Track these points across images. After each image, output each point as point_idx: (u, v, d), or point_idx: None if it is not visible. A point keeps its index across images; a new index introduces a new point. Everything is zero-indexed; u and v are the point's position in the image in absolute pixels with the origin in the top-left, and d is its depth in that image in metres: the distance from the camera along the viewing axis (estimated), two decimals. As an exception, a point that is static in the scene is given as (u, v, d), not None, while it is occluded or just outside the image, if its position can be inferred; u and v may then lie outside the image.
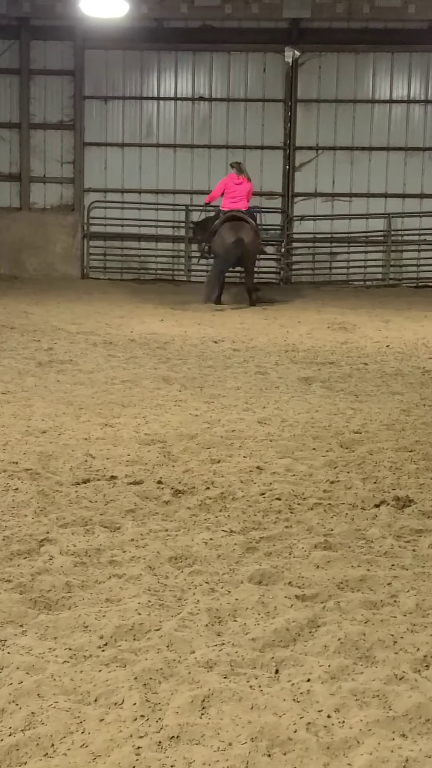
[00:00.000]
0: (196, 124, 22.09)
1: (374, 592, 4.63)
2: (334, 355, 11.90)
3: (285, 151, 21.86)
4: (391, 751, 3.23)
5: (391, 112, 21.70)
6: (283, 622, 4.23)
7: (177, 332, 13.74)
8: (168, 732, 3.35)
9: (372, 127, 21.68)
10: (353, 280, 22.06)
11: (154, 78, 22.06)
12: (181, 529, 5.52)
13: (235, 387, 9.77)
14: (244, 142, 21.90)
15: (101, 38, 21.10)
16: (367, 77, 21.62)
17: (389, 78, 21.58)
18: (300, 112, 21.78)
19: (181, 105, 22.07)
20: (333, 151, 21.78)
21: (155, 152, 22.16)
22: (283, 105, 21.77)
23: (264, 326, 14.70)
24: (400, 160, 21.66)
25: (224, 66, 21.81)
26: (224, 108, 21.95)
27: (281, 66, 21.51)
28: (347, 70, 21.53)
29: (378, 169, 21.72)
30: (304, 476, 6.58)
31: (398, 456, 7.10)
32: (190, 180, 22.14)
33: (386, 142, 21.70)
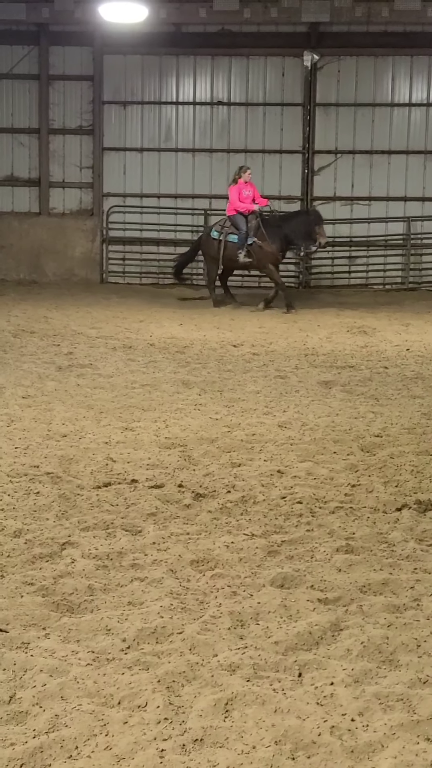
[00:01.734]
0: (215, 128, 22.10)
1: (397, 596, 4.62)
2: (354, 359, 11.88)
3: (304, 155, 21.83)
4: (416, 755, 3.22)
5: (410, 116, 21.63)
6: (306, 626, 4.22)
7: (196, 336, 13.75)
8: (192, 735, 3.36)
9: (391, 130, 21.61)
10: (372, 283, 21.99)
11: (173, 83, 22.09)
12: (203, 532, 5.52)
13: (255, 391, 9.77)
14: (263, 146, 21.89)
15: (120, 43, 21.15)
16: (386, 81, 21.57)
17: (408, 81, 21.52)
18: (319, 116, 21.74)
19: (200, 109, 22.09)
20: (352, 154, 21.72)
21: (174, 157, 22.19)
22: (302, 109, 21.74)
23: (283, 330, 14.69)
24: (419, 163, 21.58)
25: (243, 70, 21.81)
26: (243, 112, 21.95)
27: (300, 70, 21.48)
28: (366, 73, 21.48)
29: (397, 173, 21.65)
30: (325, 480, 6.57)
31: (419, 459, 7.07)
32: (209, 184, 22.15)
33: (406, 146, 21.62)
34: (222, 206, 22.07)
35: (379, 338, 13.84)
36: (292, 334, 14.26)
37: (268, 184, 21.84)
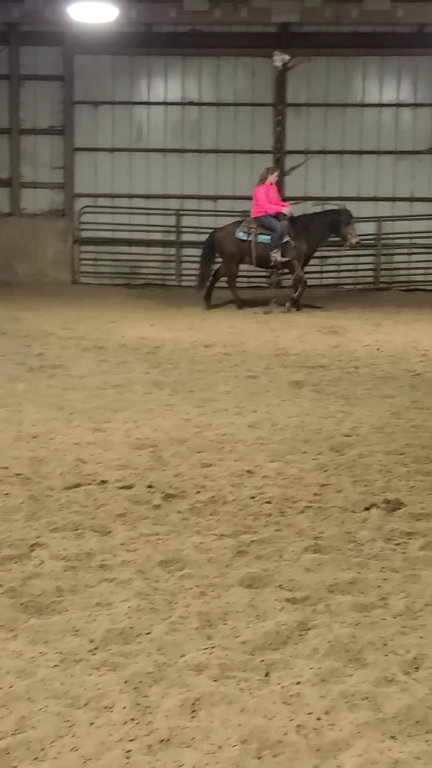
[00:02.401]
0: (186, 128, 22.10)
1: (364, 595, 4.64)
2: (324, 359, 11.92)
3: (275, 156, 21.87)
4: (381, 753, 3.24)
5: (380, 116, 21.74)
6: (274, 625, 4.24)
7: (168, 337, 13.75)
8: (158, 735, 3.36)
9: (362, 130, 21.71)
10: (344, 283, 22.08)
11: (144, 83, 22.09)
12: (172, 533, 5.53)
13: (226, 391, 9.78)
14: (234, 146, 21.92)
15: (90, 43, 21.10)
16: (356, 81, 21.67)
17: (379, 82, 21.63)
18: (290, 116, 21.80)
19: (171, 110, 22.09)
20: (323, 155, 21.80)
21: (145, 157, 22.17)
22: (272, 109, 21.79)
23: (255, 330, 14.71)
24: (390, 163, 21.70)
25: (214, 70, 21.84)
26: (214, 112, 21.97)
27: (271, 70, 21.52)
28: (337, 74, 21.56)
29: (368, 173, 21.76)
30: (295, 479, 6.60)
31: (389, 459, 7.11)
32: (181, 185, 22.15)
33: (376, 146, 21.73)
34: (192, 206, 22.14)
35: (350, 338, 13.89)
36: (264, 334, 14.29)
37: (239, 184, 21.90)
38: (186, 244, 22.29)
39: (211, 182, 22.08)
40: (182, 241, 22.26)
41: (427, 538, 5.43)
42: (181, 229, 22.19)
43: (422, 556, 5.14)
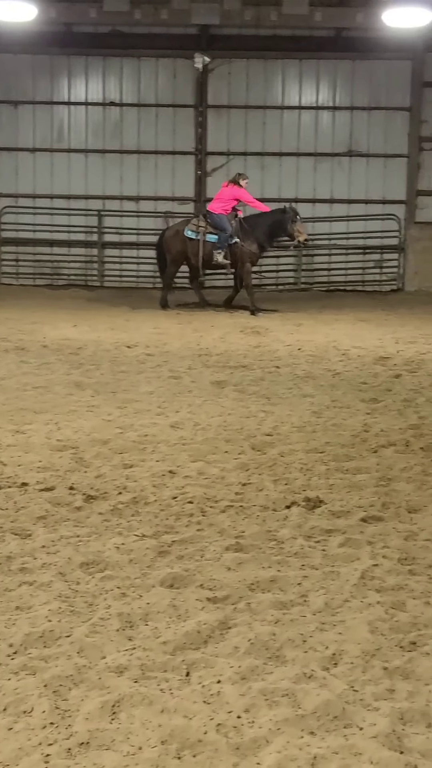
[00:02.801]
0: (108, 129, 22.03)
1: (284, 593, 4.67)
2: (246, 359, 11.98)
3: (197, 157, 21.95)
4: (300, 749, 3.27)
5: (300, 119, 21.97)
6: (194, 625, 4.24)
7: (90, 338, 13.68)
8: (78, 738, 3.34)
9: (282, 132, 21.92)
10: (266, 284, 22.22)
11: (65, 83, 21.94)
12: (93, 534, 5.49)
13: (149, 392, 9.76)
14: (156, 147, 21.94)
15: (9, 42, 20.87)
16: (276, 84, 21.85)
17: (298, 84, 21.85)
18: (211, 117, 21.90)
19: (92, 110, 21.99)
20: (244, 156, 21.94)
21: (67, 157, 22.04)
22: (194, 111, 21.86)
23: (178, 331, 14.72)
24: (310, 165, 21.93)
25: (135, 71, 21.81)
26: (135, 113, 21.95)
27: (191, 72, 21.59)
28: (257, 76, 21.73)
29: (288, 175, 21.96)
30: (217, 479, 6.61)
31: (309, 457, 7.18)
32: (102, 185, 22.07)
33: (296, 148, 21.95)
34: (114, 207, 22.07)
35: (271, 338, 13.99)
36: (187, 334, 14.31)
37: (161, 186, 21.93)
38: (108, 244, 22.23)
39: (133, 183, 22.06)
40: (104, 241, 22.18)
41: (347, 535, 5.49)
42: (103, 229, 22.11)
43: (341, 553, 5.19)
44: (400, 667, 3.88)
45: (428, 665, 3.87)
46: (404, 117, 22.01)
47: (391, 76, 21.76)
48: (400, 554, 5.20)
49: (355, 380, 10.55)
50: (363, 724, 3.44)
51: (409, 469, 6.90)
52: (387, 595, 4.65)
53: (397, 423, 8.38)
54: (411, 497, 6.24)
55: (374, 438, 7.80)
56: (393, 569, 4.98)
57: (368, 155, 21.98)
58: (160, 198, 22.04)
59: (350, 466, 6.96)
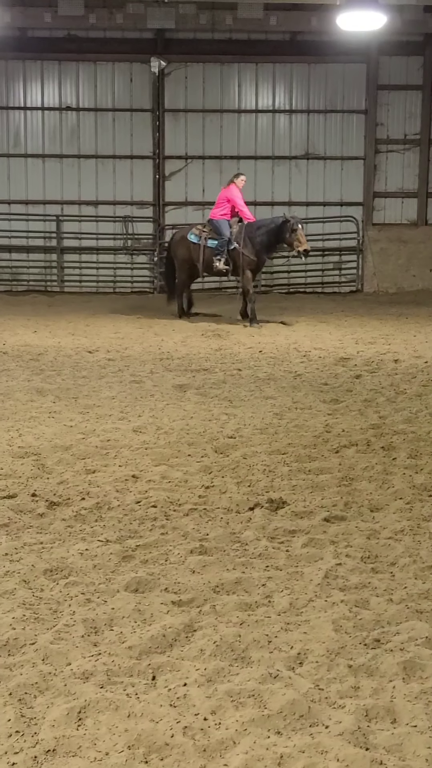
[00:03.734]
0: (65, 134, 21.96)
1: (249, 594, 4.69)
2: (208, 362, 12.00)
3: (155, 161, 21.94)
4: (267, 749, 3.28)
5: (257, 122, 22.05)
6: (160, 629, 4.24)
7: (51, 343, 13.62)
8: (44, 746, 3.32)
9: (239, 136, 21.99)
10: (226, 287, 22.25)
11: (20, 87, 21.83)
12: (56, 541, 5.47)
13: (110, 396, 9.74)
14: (114, 151, 21.90)
15: (-36, 47, 20.76)
16: (232, 87, 21.91)
17: (254, 88, 21.93)
18: (168, 121, 21.91)
19: (49, 115, 21.91)
20: (202, 160, 21.98)
21: (24, 162, 21.93)
22: (151, 114, 21.85)
23: (139, 335, 14.70)
24: (267, 168, 22.02)
25: (91, 76, 21.76)
26: (92, 118, 21.90)
27: (148, 76, 21.58)
28: (213, 80, 21.78)
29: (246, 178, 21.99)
30: (180, 483, 6.61)
31: (271, 459, 7.20)
32: (61, 190, 21.99)
33: (253, 151, 22.03)
34: (73, 212, 21.99)
35: (232, 341, 14.02)
36: (148, 338, 14.29)
37: (119, 190, 21.90)
38: (67, 249, 22.15)
39: (92, 187, 22.00)
40: (63, 246, 22.10)
41: (310, 535, 5.52)
42: (62, 234, 22.02)
43: (305, 554, 5.22)
44: (365, 665, 3.91)
45: (392, 662, 3.90)
46: (360, 120, 22.18)
47: (347, 79, 21.91)
48: (363, 553, 5.24)
49: (316, 381, 10.61)
50: (329, 722, 3.46)
51: (371, 468, 6.95)
52: (351, 593, 4.68)
53: (358, 423, 8.44)
54: (373, 496, 6.29)
55: (336, 438, 7.84)
56: (356, 568, 5.02)
57: (325, 158, 22.11)
58: (119, 202, 22.01)
59: (312, 467, 6.99)
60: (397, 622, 4.34)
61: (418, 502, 6.15)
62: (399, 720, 3.50)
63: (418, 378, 10.72)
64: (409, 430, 8.14)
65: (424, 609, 4.47)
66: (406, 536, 5.50)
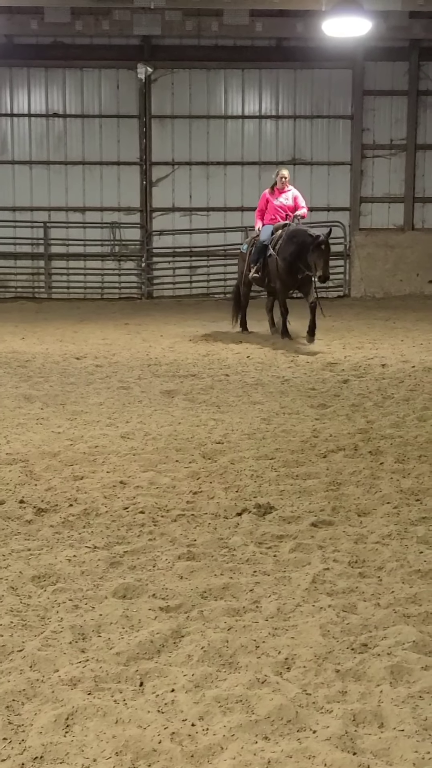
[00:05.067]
0: (52, 140, 21.97)
1: (237, 599, 4.69)
2: (196, 368, 12.00)
3: (142, 167, 21.97)
4: (254, 754, 3.28)
5: (243, 128, 22.11)
6: (147, 635, 4.24)
7: (38, 350, 13.60)
8: (31, 753, 3.32)
9: (226, 142, 22.04)
10: (214, 293, 22.30)
11: (7, 94, 21.84)
12: (44, 547, 5.46)
13: (98, 403, 9.74)
14: (101, 158, 21.92)
15: None
16: (219, 93, 21.97)
17: (241, 94, 21.99)
18: (155, 127, 21.95)
19: (36, 121, 21.92)
20: (189, 166, 22.02)
21: (11, 169, 21.93)
22: (138, 121, 21.89)
23: (126, 341, 14.70)
24: (254, 174, 22.06)
25: (77, 82, 21.78)
26: (79, 124, 21.92)
27: (134, 82, 21.62)
28: (199, 86, 21.82)
29: (234, 183, 22.08)
30: (168, 488, 6.62)
31: (259, 464, 7.21)
32: (48, 197, 21.99)
33: (240, 157, 22.08)
34: (60, 218, 22.00)
35: (220, 346, 14.03)
36: (135, 344, 14.29)
37: (107, 196, 21.92)
38: (55, 256, 22.15)
39: (79, 194, 22.02)
40: (51, 253, 22.10)
41: (297, 540, 5.52)
42: (50, 241, 22.02)
43: (292, 559, 5.23)
44: (352, 669, 3.92)
45: (379, 666, 3.91)
46: (346, 125, 22.26)
47: (333, 84, 22.00)
48: (351, 557, 5.25)
49: (303, 386, 10.63)
50: (316, 727, 3.46)
51: (358, 473, 6.96)
52: (338, 598, 4.69)
53: (346, 428, 8.45)
54: (360, 501, 6.31)
55: (323, 443, 7.86)
56: (344, 572, 5.03)
57: (312, 163, 22.17)
58: (107, 208, 22.03)
59: (300, 472, 7.00)
60: (384, 627, 4.35)
61: (406, 507, 6.17)
62: (386, 724, 3.51)
63: (406, 382, 10.75)
64: (396, 434, 8.16)
65: (412, 613, 4.48)
66: (394, 540, 5.51)
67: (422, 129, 22.35)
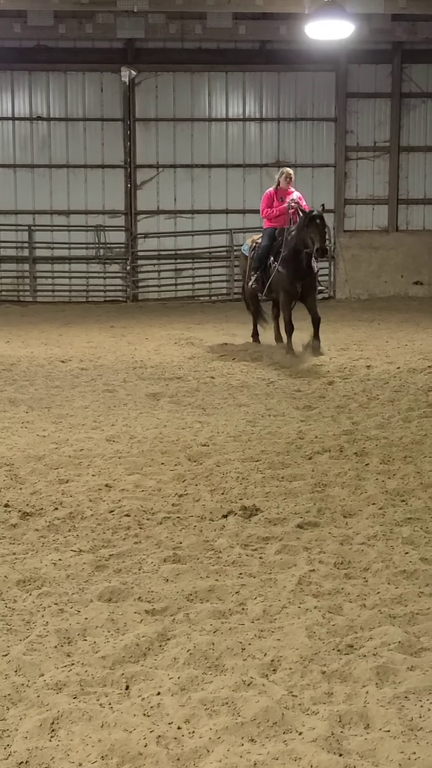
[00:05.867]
0: (36, 144, 21.92)
1: (222, 602, 4.69)
2: (181, 370, 11.99)
3: (126, 170, 21.95)
4: (240, 757, 3.28)
5: (227, 130, 22.12)
6: (133, 638, 4.23)
7: (23, 353, 13.57)
8: (16, 758, 3.31)
9: (210, 144, 22.05)
10: (198, 295, 22.30)
11: (-10, 98, 21.79)
12: (30, 551, 5.45)
13: (83, 406, 9.72)
14: (85, 161, 21.88)
15: None
16: (203, 96, 21.97)
17: (224, 97, 22.00)
18: (139, 130, 21.93)
19: (20, 125, 21.87)
20: (173, 168, 22.01)
21: (-5, 173, 21.88)
22: (122, 124, 21.87)
23: (112, 344, 14.68)
24: (239, 176, 22.09)
25: (61, 86, 21.74)
26: (63, 127, 21.88)
27: (118, 85, 21.60)
28: (183, 89, 21.83)
29: (218, 186, 22.09)
30: (153, 491, 6.61)
31: (245, 466, 7.21)
32: (32, 200, 21.94)
33: (225, 160, 22.09)
34: (46, 222, 21.96)
35: (205, 349, 14.02)
36: (121, 347, 14.27)
37: (91, 199, 21.88)
38: (39, 259, 22.10)
39: (63, 197, 21.97)
40: (36, 256, 22.05)
41: (283, 542, 5.52)
42: (35, 244, 21.97)
43: (278, 560, 5.22)
44: (338, 670, 3.92)
45: (365, 667, 3.91)
46: (330, 127, 22.31)
47: (317, 87, 22.03)
48: (336, 559, 5.26)
49: (288, 388, 10.63)
50: (302, 728, 3.46)
51: (344, 474, 6.97)
52: (324, 599, 4.69)
53: (331, 429, 8.46)
54: (345, 502, 6.31)
55: (309, 445, 7.86)
56: (329, 574, 5.03)
57: (296, 165, 22.16)
58: (91, 212, 21.99)
59: (285, 474, 7.01)
60: (370, 628, 4.35)
61: (391, 508, 6.18)
62: (372, 725, 3.51)
63: (391, 384, 10.77)
64: (381, 435, 8.17)
65: (397, 614, 4.49)
66: (379, 541, 5.52)
67: (405, 131, 22.41)
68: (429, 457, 7.44)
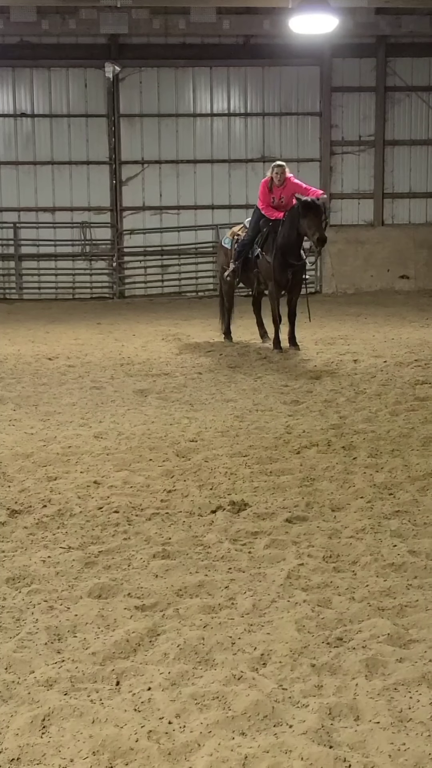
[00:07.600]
0: (20, 140, 21.85)
1: (212, 597, 4.70)
2: (168, 366, 11.99)
3: (111, 166, 21.91)
4: (231, 750, 3.30)
5: (212, 126, 22.10)
6: (123, 634, 4.24)
7: (10, 351, 13.54)
8: (7, 755, 3.31)
9: (195, 140, 22.03)
10: (185, 291, 22.29)
11: (-26, 95, 21.71)
12: (19, 549, 5.45)
13: (71, 403, 9.71)
14: (70, 157, 21.83)
15: None
16: (187, 91, 21.95)
17: (209, 92, 21.98)
18: (124, 126, 21.89)
19: (3, 122, 21.79)
20: (158, 164, 21.99)
21: (-21, 170, 21.81)
22: (106, 120, 21.82)
23: (99, 341, 14.66)
24: (224, 171, 22.08)
25: (45, 82, 21.68)
26: (48, 124, 21.82)
27: (102, 81, 21.55)
28: (168, 84, 21.80)
29: (204, 182, 22.08)
30: (142, 487, 6.61)
31: (233, 461, 7.22)
32: (17, 197, 21.87)
33: (210, 155, 22.08)
34: (31, 219, 21.90)
35: (192, 345, 14.02)
36: (108, 344, 14.26)
37: (76, 196, 21.84)
38: (25, 256, 22.05)
39: (48, 194, 21.92)
40: (21, 254, 21.99)
41: (272, 536, 5.54)
42: (20, 242, 21.91)
43: (267, 555, 5.24)
44: (328, 663, 3.94)
45: (354, 660, 3.93)
46: (315, 122, 22.31)
47: (301, 81, 22.04)
48: (325, 552, 5.28)
49: (276, 383, 10.65)
50: (292, 721, 3.48)
51: (332, 468, 6.99)
52: (313, 593, 4.71)
53: (319, 423, 8.48)
54: (334, 496, 6.33)
55: (296, 439, 7.88)
56: (318, 567, 5.05)
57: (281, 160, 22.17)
58: (77, 208, 21.95)
59: (274, 468, 7.02)
60: (359, 620, 4.37)
61: (379, 501, 6.20)
62: (362, 717, 3.53)
63: (378, 377, 10.80)
64: (369, 429, 8.20)
65: (386, 606, 4.51)
66: (368, 535, 5.54)
67: (390, 125, 22.44)
68: (416, 450, 7.47)
